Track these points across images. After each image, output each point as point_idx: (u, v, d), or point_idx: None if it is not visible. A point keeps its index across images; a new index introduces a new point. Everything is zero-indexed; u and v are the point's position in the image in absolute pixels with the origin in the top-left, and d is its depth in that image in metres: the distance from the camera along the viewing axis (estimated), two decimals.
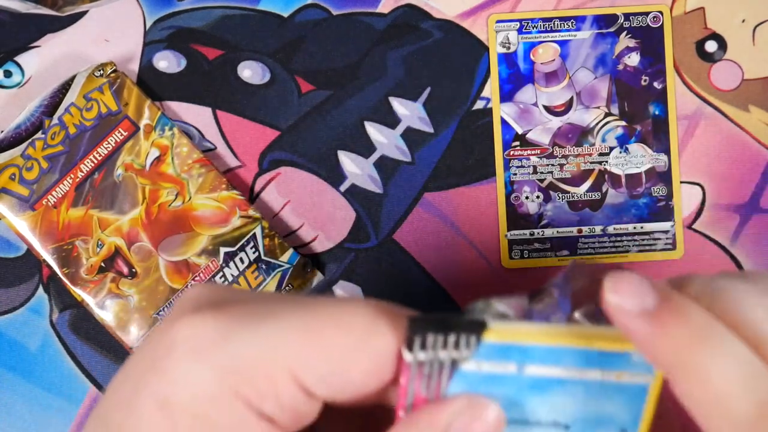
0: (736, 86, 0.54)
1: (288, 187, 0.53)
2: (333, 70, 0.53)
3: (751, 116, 0.54)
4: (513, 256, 0.53)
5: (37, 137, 0.50)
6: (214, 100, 0.53)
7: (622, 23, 0.53)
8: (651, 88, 0.53)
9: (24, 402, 0.52)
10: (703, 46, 0.54)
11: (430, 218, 0.53)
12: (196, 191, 0.51)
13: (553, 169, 0.53)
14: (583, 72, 0.53)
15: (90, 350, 0.52)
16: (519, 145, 0.53)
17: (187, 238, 0.50)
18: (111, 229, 0.50)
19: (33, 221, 0.50)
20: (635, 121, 0.53)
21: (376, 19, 0.53)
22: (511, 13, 0.54)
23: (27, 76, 0.53)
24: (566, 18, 0.53)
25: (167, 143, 0.51)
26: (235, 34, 0.53)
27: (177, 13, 0.53)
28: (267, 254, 0.51)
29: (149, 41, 0.53)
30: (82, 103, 0.50)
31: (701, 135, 0.54)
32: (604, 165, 0.53)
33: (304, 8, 0.53)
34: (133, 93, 0.51)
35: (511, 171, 0.53)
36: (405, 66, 0.53)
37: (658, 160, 0.53)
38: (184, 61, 0.53)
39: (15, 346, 0.52)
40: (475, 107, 0.53)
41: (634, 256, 0.53)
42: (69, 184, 0.50)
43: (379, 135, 0.53)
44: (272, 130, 0.53)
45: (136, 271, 0.50)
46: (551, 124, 0.53)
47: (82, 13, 0.53)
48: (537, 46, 0.53)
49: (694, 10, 0.54)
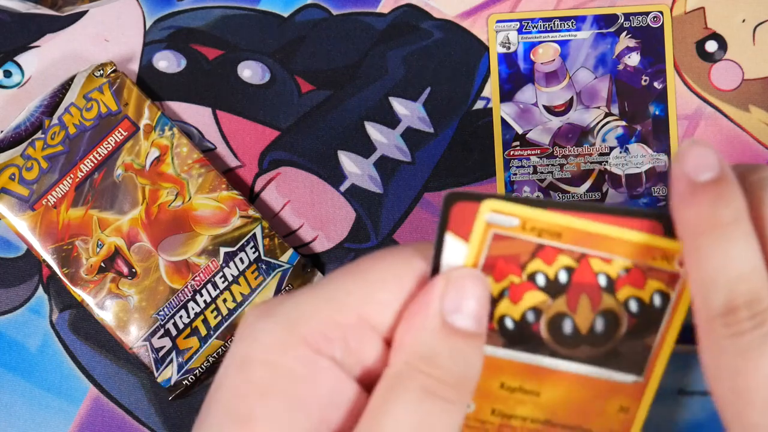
0: (736, 86, 0.54)
1: (288, 187, 0.53)
2: (333, 70, 0.53)
3: (751, 116, 0.54)
4: None
5: (37, 137, 0.50)
6: (214, 100, 0.53)
7: (622, 23, 0.53)
8: (651, 88, 0.53)
9: (24, 402, 0.52)
10: (704, 46, 0.54)
11: (430, 218, 0.53)
12: (196, 191, 0.51)
13: (553, 169, 0.53)
14: (583, 72, 0.53)
15: (90, 350, 0.52)
16: (519, 145, 0.53)
17: (187, 238, 0.50)
18: (111, 229, 0.50)
19: (33, 221, 0.50)
20: (635, 121, 0.53)
21: (376, 19, 0.53)
22: (511, 13, 0.54)
23: (27, 76, 0.53)
24: (566, 18, 0.53)
25: (167, 143, 0.51)
26: (235, 34, 0.53)
27: (177, 13, 0.53)
28: (267, 254, 0.51)
29: (149, 41, 0.53)
30: (82, 103, 0.50)
31: (701, 135, 0.54)
32: (604, 165, 0.53)
33: (304, 8, 0.53)
34: (132, 93, 0.51)
35: (511, 171, 0.53)
36: (405, 66, 0.53)
37: (658, 160, 0.53)
38: (184, 61, 0.53)
39: (15, 346, 0.52)
40: (475, 107, 0.53)
41: None
42: (69, 184, 0.50)
43: (379, 135, 0.53)
44: (272, 130, 0.53)
45: (136, 271, 0.50)
46: (551, 124, 0.53)
47: (82, 13, 0.53)
48: (537, 46, 0.53)
49: (694, 10, 0.54)
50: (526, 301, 0.30)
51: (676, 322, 0.30)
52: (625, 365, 0.30)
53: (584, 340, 0.30)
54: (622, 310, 0.30)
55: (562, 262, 0.29)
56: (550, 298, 0.29)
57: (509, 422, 0.30)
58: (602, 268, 0.29)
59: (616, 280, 0.29)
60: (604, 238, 0.29)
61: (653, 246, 0.29)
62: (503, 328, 0.30)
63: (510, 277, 0.29)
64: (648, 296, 0.29)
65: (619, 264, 0.29)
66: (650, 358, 0.30)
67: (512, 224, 0.29)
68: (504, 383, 0.30)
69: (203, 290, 0.50)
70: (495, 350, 0.30)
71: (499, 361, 0.30)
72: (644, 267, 0.29)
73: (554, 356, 0.30)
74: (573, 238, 0.29)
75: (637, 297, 0.30)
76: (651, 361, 0.30)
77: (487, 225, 0.29)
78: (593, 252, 0.29)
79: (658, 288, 0.29)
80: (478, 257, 0.29)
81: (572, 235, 0.29)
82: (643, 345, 0.30)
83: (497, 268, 0.29)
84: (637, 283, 0.29)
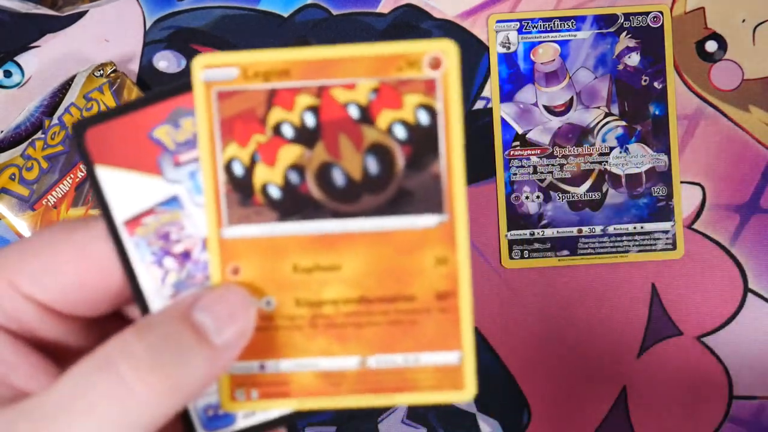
0: (736, 86, 0.54)
1: None
2: None
3: (751, 116, 0.54)
4: (513, 256, 0.53)
5: (37, 137, 0.50)
6: None
7: (622, 23, 0.53)
8: (651, 88, 0.53)
9: None
10: (703, 46, 0.54)
11: None
12: None
13: (553, 169, 0.53)
14: (583, 72, 0.53)
15: None
16: (519, 145, 0.53)
17: None
18: None
19: (33, 221, 0.50)
20: (635, 121, 0.53)
21: (376, 19, 0.53)
22: (511, 13, 0.54)
23: (27, 76, 0.53)
24: (566, 18, 0.53)
25: None
26: (235, 34, 0.53)
27: (177, 13, 0.53)
28: None
29: (149, 41, 0.53)
30: (82, 103, 0.50)
31: (701, 135, 0.54)
32: (604, 165, 0.53)
33: (304, 8, 0.53)
34: (133, 93, 0.51)
35: (511, 171, 0.53)
36: None
37: (658, 160, 0.53)
38: (184, 61, 0.53)
39: None
40: (475, 107, 0.53)
41: (634, 256, 0.53)
42: (69, 184, 0.50)
43: None
44: None
45: None
46: (551, 124, 0.53)
47: (82, 13, 0.53)
48: (537, 46, 0.53)
49: (694, 10, 0.54)
50: (282, 160, 0.26)
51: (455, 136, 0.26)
52: (420, 205, 0.26)
53: (362, 187, 0.26)
54: (389, 140, 0.26)
55: (302, 102, 0.25)
56: (307, 149, 0.26)
57: (320, 310, 0.26)
58: (348, 96, 0.25)
59: (368, 106, 0.25)
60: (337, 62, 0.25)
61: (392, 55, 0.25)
62: (270, 199, 0.26)
63: (255, 137, 0.26)
64: (411, 115, 0.26)
65: (365, 86, 0.25)
66: (445, 190, 0.26)
67: (233, 76, 0.25)
68: (296, 265, 0.26)
69: None
70: (270, 227, 0.26)
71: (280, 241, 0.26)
72: (393, 82, 0.25)
73: (338, 216, 0.26)
74: (303, 72, 0.25)
75: (400, 120, 0.26)
76: (447, 192, 0.26)
77: (206, 85, 0.25)
78: (331, 81, 0.25)
79: (418, 102, 0.26)
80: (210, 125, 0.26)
81: (301, 69, 0.25)
82: (430, 175, 0.26)
83: (236, 130, 0.26)
84: (394, 104, 0.26)
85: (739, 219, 0.53)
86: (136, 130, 0.26)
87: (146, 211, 0.26)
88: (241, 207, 0.26)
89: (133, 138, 0.26)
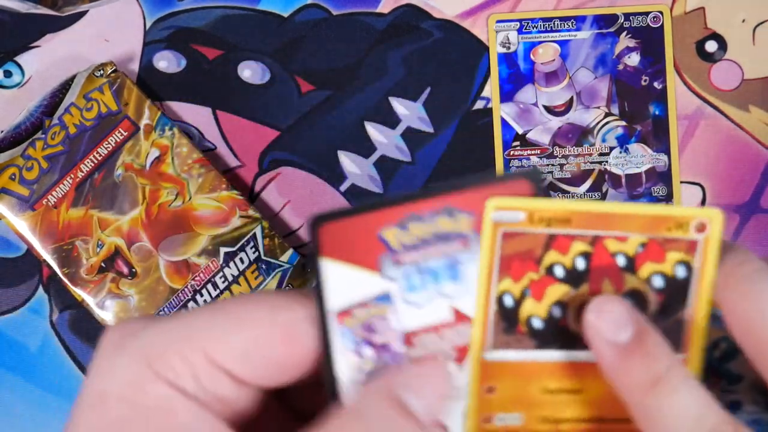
0: (736, 86, 0.54)
1: (288, 187, 0.53)
2: (333, 70, 0.53)
3: (751, 116, 0.54)
4: None
5: (37, 137, 0.50)
6: (214, 100, 0.53)
7: (622, 23, 0.53)
8: (651, 88, 0.53)
9: (24, 402, 0.52)
10: (703, 46, 0.54)
11: None
12: (196, 191, 0.51)
13: (553, 169, 0.53)
14: (583, 72, 0.53)
15: (90, 350, 0.52)
16: (519, 145, 0.53)
17: (187, 238, 0.50)
18: (111, 229, 0.50)
19: (33, 221, 0.50)
20: (635, 121, 0.53)
21: (376, 19, 0.53)
22: (511, 13, 0.54)
23: (27, 76, 0.53)
24: (566, 18, 0.53)
25: (167, 143, 0.51)
26: (235, 34, 0.53)
27: (177, 13, 0.53)
28: (267, 254, 0.51)
29: (149, 41, 0.53)
30: (82, 103, 0.50)
31: (701, 135, 0.54)
32: (604, 165, 0.53)
33: (304, 8, 0.53)
34: (133, 93, 0.51)
35: (511, 171, 0.53)
36: (405, 66, 0.53)
37: (658, 160, 0.53)
38: (184, 61, 0.53)
39: (15, 346, 0.52)
40: (475, 107, 0.53)
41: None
42: (69, 184, 0.50)
43: (379, 135, 0.53)
44: (272, 130, 0.53)
45: (136, 271, 0.50)
46: (551, 124, 0.53)
47: (82, 13, 0.53)
48: (537, 46, 0.53)
49: (694, 10, 0.54)
50: (549, 297, 0.29)
51: (705, 289, 0.29)
52: None
53: None
54: (647, 288, 0.29)
55: (576, 248, 0.29)
56: (573, 289, 0.29)
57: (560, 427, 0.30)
58: (618, 247, 0.29)
59: (634, 257, 0.29)
60: (614, 217, 0.28)
61: (665, 216, 0.28)
62: (532, 330, 0.29)
63: (528, 275, 0.29)
64: (670, 269, 0.29)
65: (635, 241, 0.29)
66: (686, 333, 0.29)
67: (519, 219, 0.28)
68: (545, 387, 0.29)
69: (203, 290, 0.50)
70: (529, 354, 0.29)
71: (535, 365, 0.29)
72: (660, 239, 0.29)
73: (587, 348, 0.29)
74: (583, 222, 0.28)
75: (659, 272, 0.29)
76: (687, 335, 0.29)
77: (494, 225, 0.28)
78: (606, 233, 0.29)
79: (679, 259, 0.29)
80: (491, 261, 0.28)
81: (582, 219, 0.28)
82: (675, 320, 0.29)
83: (513, 267, 0.29)
84: (657, 258, 0.29)
85: (739, 219, 0.53)
86: (367, 229, 0.28)
87: (360, 303, 0.28)
88: (505, 334, 0.29)
89: (363, 236, 0.28)
